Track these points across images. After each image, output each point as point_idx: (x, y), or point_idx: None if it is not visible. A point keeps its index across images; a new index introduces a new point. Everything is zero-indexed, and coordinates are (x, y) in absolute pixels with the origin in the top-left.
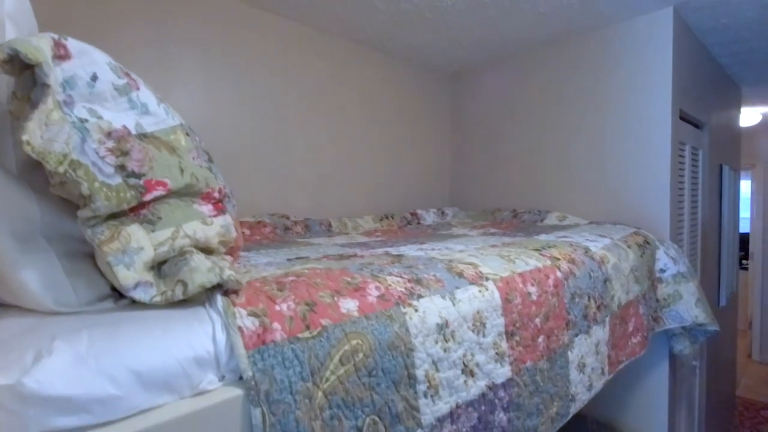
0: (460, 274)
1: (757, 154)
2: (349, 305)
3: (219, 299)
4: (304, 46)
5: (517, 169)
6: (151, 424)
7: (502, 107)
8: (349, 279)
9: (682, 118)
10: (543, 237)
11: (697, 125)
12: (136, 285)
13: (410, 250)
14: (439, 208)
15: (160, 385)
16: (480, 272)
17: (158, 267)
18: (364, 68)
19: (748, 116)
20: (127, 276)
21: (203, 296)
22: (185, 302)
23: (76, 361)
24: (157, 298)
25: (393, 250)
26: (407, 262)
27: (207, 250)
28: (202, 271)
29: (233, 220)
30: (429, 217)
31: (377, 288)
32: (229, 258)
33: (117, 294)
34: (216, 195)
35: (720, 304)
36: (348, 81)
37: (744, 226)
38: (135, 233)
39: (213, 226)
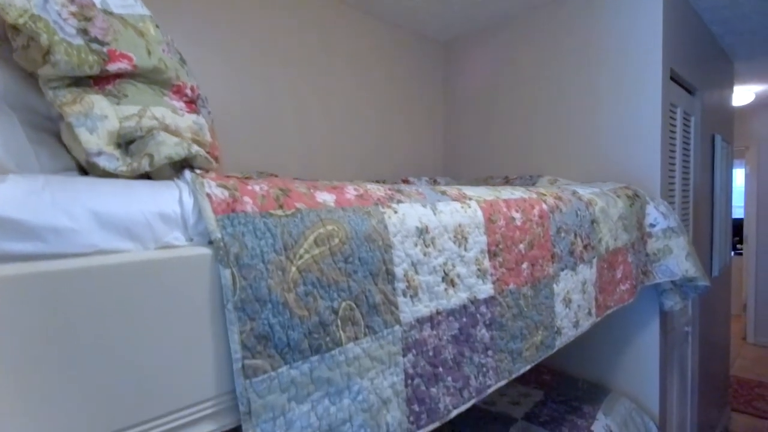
0: (443, 192)
1: (751, 137)
2: (325, 197)
3: (187, 172)
4: (290, 8)
5: (510, 138)
6: (112, 262)
7: (493, 77)
8: (326, 182)
9: (673, 80)
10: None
11: (689, 91)
12: (100, 153)
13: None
14: (431, 177)
15: (120, 230)
16: (464, 193)
17: (125, 147)
18: (354, 34)
19: (741, 95)
20: (89, 140)
21: (171, 174)
22: (151, 177)
23: (29, 192)
24: (123, 168)
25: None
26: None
27: None
28: (169, 144)
29: (209, 128)
30: (422, 185)
31: (356, 189)
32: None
33: (83, 172)
34: (188, 92)
35: (713, 275)
36: (337, 47)
37: (738, 213)
38: (99, 102)
39: (185, 119)
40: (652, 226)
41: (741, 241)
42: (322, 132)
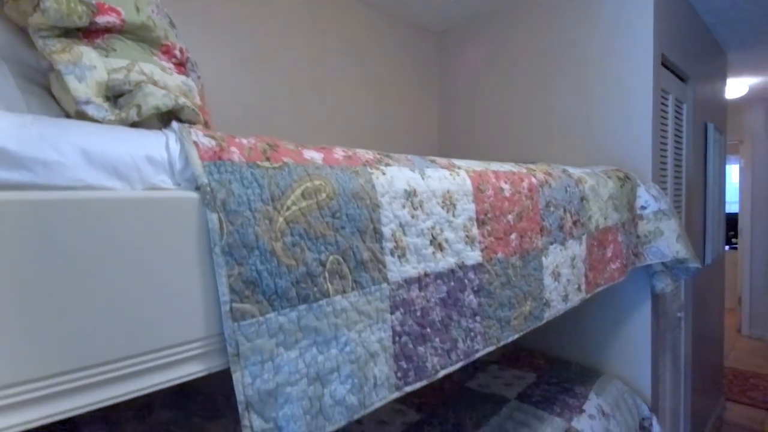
0: (432, 161)
1: (745, 131)
2: (313, 154)
3: (174, 123)
4: None
5: (504, 127)
6: (100, 197)
7: (487, 66)
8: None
9: (665, 66)
10: None
11: (682, 78)
12: (88, 101)
13: None
14: None
15: (108, 168)
16: (453, 163)
17: (113, 100)
18: (348, 22)
19: (735, 87)
20: (78, 88)
21: (158, 126)
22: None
23: (18, 125)
24: (111, 118)
25: None
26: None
27: None
28: (156, 95)
29: (199, 92)
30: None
31: (344, 151)
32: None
33: None
34: (177, 53)
35: (705, 263)
36: (331, 34)
37: (734, 208)
38: (88, 53)
39: (173, 78)
40: (643, 208)
41: (736, 236)
42: (316, 120)
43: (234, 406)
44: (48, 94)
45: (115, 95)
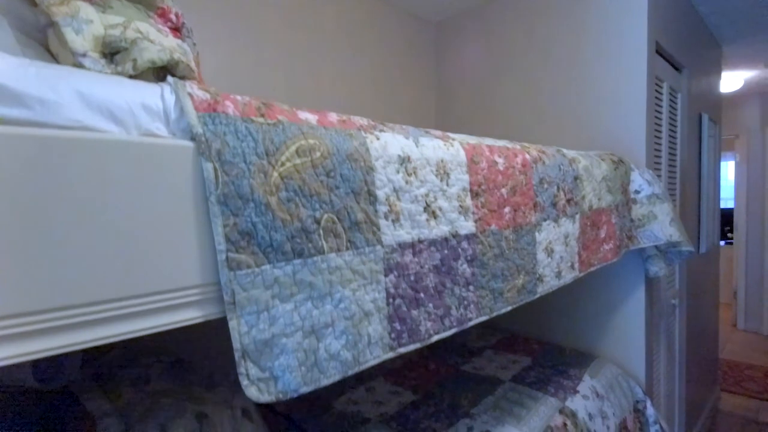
0: (427, 132)
1: (741, 125)
2: (307, 116)
3: (169, 77)
4: None
5: (501, 115)
6: (98, 138)
7: (484, 55)
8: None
9: (659, 54)
10: None
11: (676, 68)
12: (85, 54)
13: None
14: None
15: (104, 111)
16: (447, 135)
17: (110, 57)
18: (345, 8)
19: (730, 80)
20: (75, 40)
21: (154, 80)
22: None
23: (16, 65)
24: (107, 71)
25: None
26: None
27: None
28: (152, 50)
29: (194, 58)
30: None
31: (338, 116)
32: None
33: None
34: (173, 17)
35: (700, 252)
36: (328, 22)
37: (728, 204)
38: (85, 8)
39: (168, 39)
40: (637, 192)
41: (732, 231)
42: (312, 108)
43: (231, 380)
44: (46, 51)
45: (111, 52)
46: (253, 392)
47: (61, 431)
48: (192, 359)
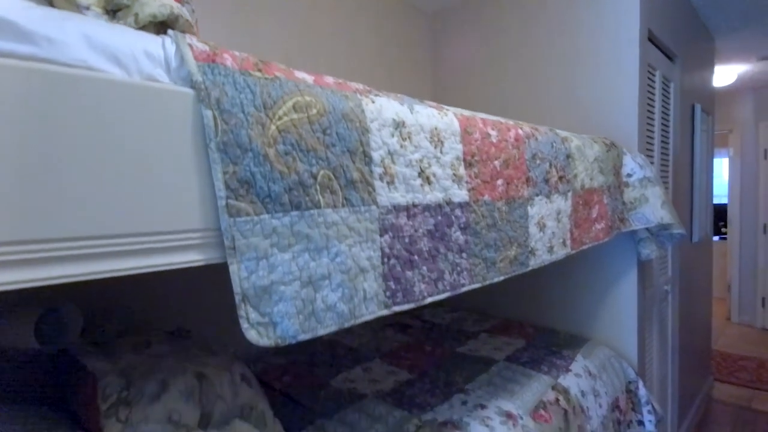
0: (421, 101)
1: (734, 120)
2: (303, 75)
3: (169, 30)
4: None
5: (495, 105)
6: (102, 77)
7: (479, 45)
8: None
9: (651, 41)
10: None
11: (669, 57)
12: (89, 7)
13: None
14: None
15: (108, 54)
16: (441, 106)
17: (112, 13)
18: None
19: (723, 75)
20: None
21: (154, 33)
22: None
23: (23, 6)
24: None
25: None
26: None
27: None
28: (153, 5)
29: (193, 24)
30: None
31: (334, 79)
32: None
33: None
34: None
35: (693, 241)
36: (323, 12)
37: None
38: None
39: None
40: (629, 176)
41: (726, 226)
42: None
43: (230, 351)
44: (49, 5)
45: (113, 9)
46: (252, 335)
47: (64, 390)
48: (187, 330)
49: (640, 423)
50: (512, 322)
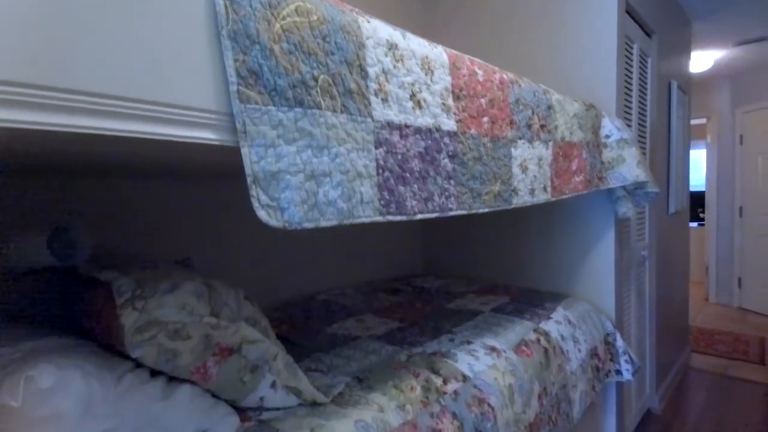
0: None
1: (711, 107)
2: None
3: None
4: None
5: None
6: None
7: (468, 24)
8: None
9: (629, 14)
10: None
11: (646, 33)
12: None
13: None
14: None
15: None
16: (431, 41)
17: None
18: None
19: (700, 60)
20: None
21: None
22: None
23: None
24: None
25: None
26: None
27: None
28: None
29: None
30: None
31: None
32: None
33: None
34: None
35: (669, 212)
36: None
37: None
38: None
39: None
40: (607, 137)
41: (704, 212)
42: None
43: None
44: None
45: None
46: (263, 215)
47: (79, 300)
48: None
49: (618, 372)
50: (498, 285)
